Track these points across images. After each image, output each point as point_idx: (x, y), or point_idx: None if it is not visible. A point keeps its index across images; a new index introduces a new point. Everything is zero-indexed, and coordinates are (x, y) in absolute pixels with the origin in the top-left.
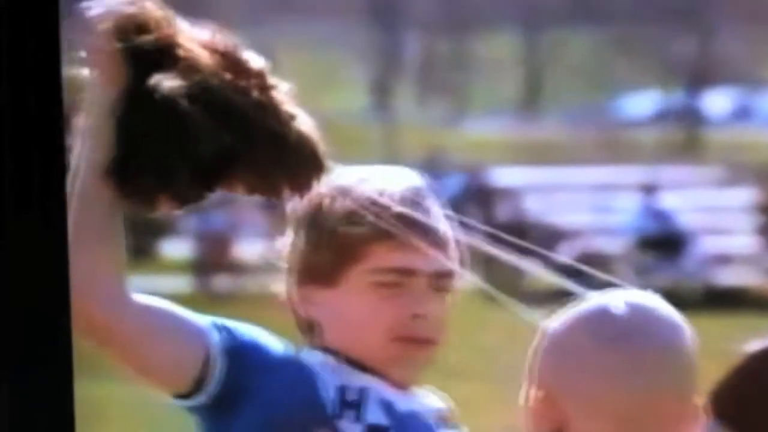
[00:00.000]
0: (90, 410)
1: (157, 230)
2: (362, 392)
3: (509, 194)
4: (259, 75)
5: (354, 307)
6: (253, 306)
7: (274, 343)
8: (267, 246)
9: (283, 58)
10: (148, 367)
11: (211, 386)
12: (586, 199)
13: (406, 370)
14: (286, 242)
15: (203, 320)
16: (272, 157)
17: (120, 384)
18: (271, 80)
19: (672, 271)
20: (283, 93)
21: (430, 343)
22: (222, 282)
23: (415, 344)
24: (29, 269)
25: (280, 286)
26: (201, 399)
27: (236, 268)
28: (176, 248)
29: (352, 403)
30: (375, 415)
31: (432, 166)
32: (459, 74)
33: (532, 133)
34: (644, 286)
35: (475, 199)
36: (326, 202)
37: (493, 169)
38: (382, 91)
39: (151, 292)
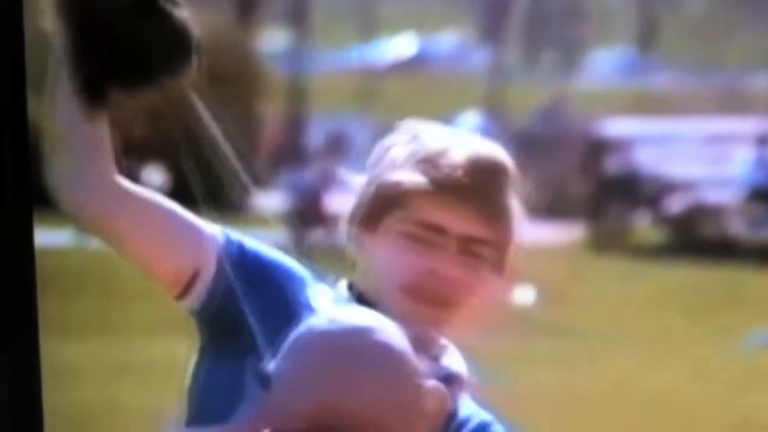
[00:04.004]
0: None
1: (251, 184)
2: None
3: (621, 146)
4: None
5: (382, 253)
6: (347, 259)
7: (289, 269)
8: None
9: (389, 7)
10: (144, 260)
11: (202, 289)
12: (699, 151)
13: (417, 325)
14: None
15: (210, 227)
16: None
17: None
18: None
19: None
20: None
21: (445, 305)
22: (315, 235)
23: (425, 301)
24: None
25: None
26: (192, 303)
27: (329, 221)
28: (270, 202)
29: None
30: None
31: (546, 118)
32: (571, 25)
33: (646, 85)
34: (757, 238)
35: (587, 151)
36: (397, 146)
37: (605, 120)
38: (491, 42)
39: None
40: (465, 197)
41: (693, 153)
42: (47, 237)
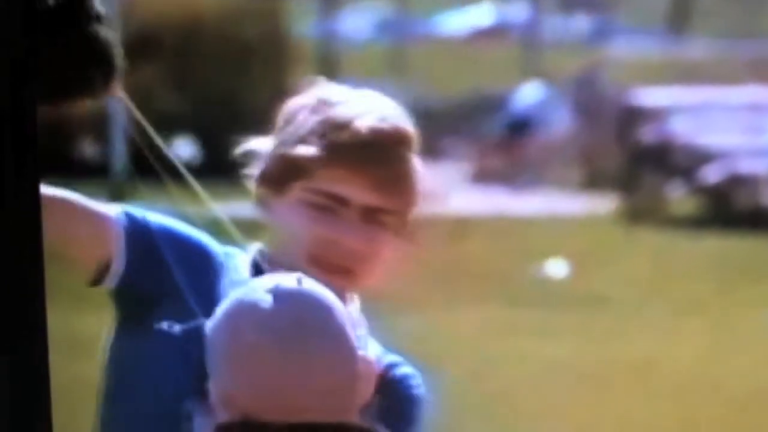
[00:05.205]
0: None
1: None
2: None
3: (656, 115)
4: None
5: (288, 219)
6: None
7: (200, 240)
8: None
9: None
10: (55, 253)
11: (114, 272)
12: (735, 120)
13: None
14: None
15: (113, 209)
16: (73, 51)
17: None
18: None
19: None
20: None
21: (346, 273)
22: None
23: (329, 270)
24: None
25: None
26: (107, 285)
27: None
28: None
29: None
30: None
31: (581, 86)
32: None
33: (682, 52)
34: None
35: (622, 120)
36: (304, 111)
37: (640, 89)
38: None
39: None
40: (367, 169)
41: (729, 122)
42: None
